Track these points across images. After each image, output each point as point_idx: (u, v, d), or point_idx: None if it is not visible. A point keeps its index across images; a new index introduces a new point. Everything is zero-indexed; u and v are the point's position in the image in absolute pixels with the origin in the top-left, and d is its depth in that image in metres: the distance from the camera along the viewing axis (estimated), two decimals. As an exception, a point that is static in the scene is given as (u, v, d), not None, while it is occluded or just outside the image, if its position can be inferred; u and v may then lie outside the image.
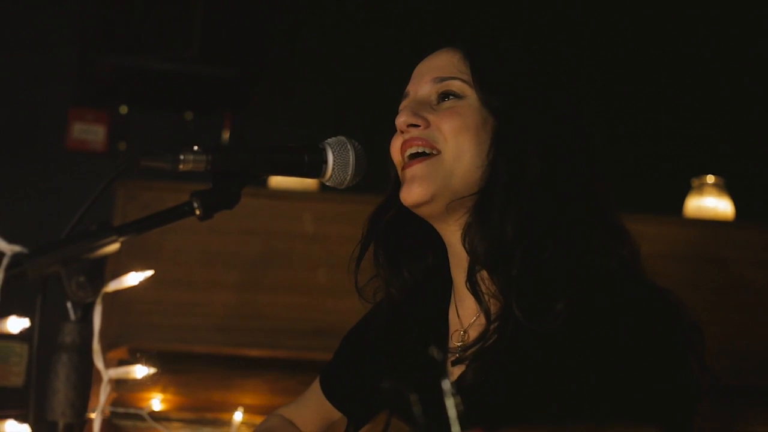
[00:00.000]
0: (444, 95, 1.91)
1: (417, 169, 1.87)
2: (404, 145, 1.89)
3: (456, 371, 1.87)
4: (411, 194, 1.87)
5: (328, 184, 1.81)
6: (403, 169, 1.90)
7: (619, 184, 4.64)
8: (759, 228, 3.79)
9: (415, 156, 1.88)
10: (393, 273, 2.00)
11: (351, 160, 1.80)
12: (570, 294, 1.73)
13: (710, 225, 3.91)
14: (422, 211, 1.91)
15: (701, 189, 4.14)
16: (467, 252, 1.86)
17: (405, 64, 2.06)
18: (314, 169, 1.77)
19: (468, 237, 1.85)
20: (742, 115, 5.06)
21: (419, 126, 1.88)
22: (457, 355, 1.87)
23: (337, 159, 1.78)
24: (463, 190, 1.86)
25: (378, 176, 2.03)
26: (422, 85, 1.93)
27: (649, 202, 4.15)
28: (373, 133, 2.03)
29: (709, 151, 4.92)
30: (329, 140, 1.80)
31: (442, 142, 1.86)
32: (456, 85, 1.90)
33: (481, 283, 1.85)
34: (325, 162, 1.77)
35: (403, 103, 1.96)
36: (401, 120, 1.89)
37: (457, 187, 1.86)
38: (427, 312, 1.99)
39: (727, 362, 3.45)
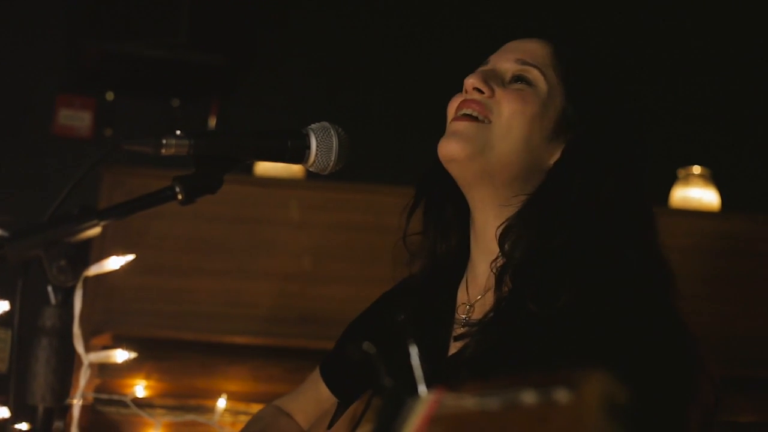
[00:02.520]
0: (518, 77, 1.92)
1: (462, 126, 1.88)
2: (462, 104, 1.90)
3: (458, 346, 1.89)
4: (447, 147, 1.88)
5: (311, 169, 1.81)
6: (452, 120, 1.91)
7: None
8: (744, 219, 3.80)
9: (466, 116, 1.90)
10: (444, 236, 2.01)
11: (334, 145, 1.79)
12: (579, 286, 1.73)
13: (696, 215, 3.92)
14: (453, 169, 1.91)
15: (687, 179, 4.15)
16: (502, 252, 1.86)
17: (394, 51, 2.06)
18: (297, 154, 1.76)
19: (509, 238, 1.85)
20: (728, 106, 5.07)
21: (483, 93, 1.89)
22: (462, 329, 1.88)
23: (321, 145, 1.77)
24: (500, 167, 1.86)
25: (364, 163, 2.03)
26: (504, 60, 1.95)
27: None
28: (361, 120, 2.03)
29: (695, 142, 4.93)
30: (312, 126, 1.80)
31: (497, 115, 1.87)
32: (533, 73, 1.91)
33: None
34: (308, 147, 1.77)
35: (481, 68, 1.97)
36: (470, 81, 1.91)
37: (494, 160, 1.86)
38: (441, 287, 2.00)
39: (713, 352, 3.46)
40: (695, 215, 3.92)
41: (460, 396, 0.92)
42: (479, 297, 1.92)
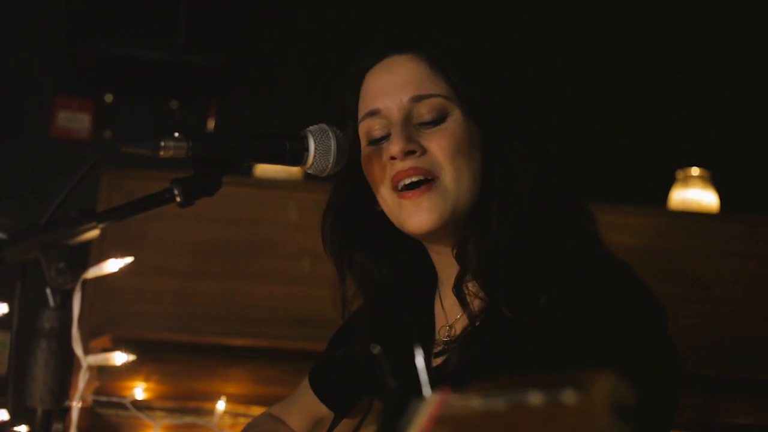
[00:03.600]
0: (430, 122, 1.86)
1: (423, 200, 1.83)
2: (399, 174, 1.84)
3: (438, 361, 1.88)
4: (421, 223, 1.84)
5: (309, 171, 1.81)
6: (404, 197, 1.86)
7: (605, 176, 4.68)
8: (743, 220, 3.80)
9: (411, 186, 1.85)
10: (376, 269, 1.99)
11: (332, 147, 1.79)
12: (553, 287, 1.73)
13: (695, 217, 3.92)
14: (426, 237, 1.91)
15: (686, 181, 4.15)
16: (459, 264, 1.87)
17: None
18: (296, 156, 1.76)
19: (463, 250, 1.86)
20: (727, 108, 5.07)
21: (415, 153, 1.84)
22: (442, 347, 1.88)
23: (319, 147, 1.78)
24: (463, 207, 1.86)
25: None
26: (396, 102, 1.87)
27: (634, 193, 4.16)
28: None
29: (694, 143, 4.93)
30: (311, 128, 1.80)
31: (439, 168, 1.83)
32: (439, 104, 1.86)
33: (465, 287, 1.86)
34: (307, 150, 1.77)
35: (375, 123, 1.90)
36: (397, 148, 1.83)
37: (459, 207, 1.85)
38: (413, 306, 1.99)
39: (711, 354, 3.46)
40: (694, 217, 3.92)
41: (466, 396, 0.92)
42: (458, 316, 1.91)
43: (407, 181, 1.84)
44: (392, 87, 1.89)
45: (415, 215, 1.85)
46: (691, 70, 5.11)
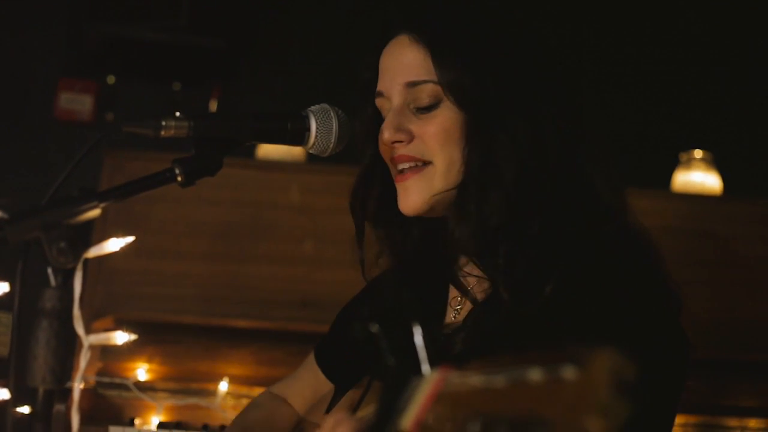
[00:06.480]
0: (420, 100, 1.86)
1: (411, 182, 1.86)
2: (396, 160, 1.87)
3: (445, 344, 1.88)
4: (408, 205, 1.87)
5: (311, 151, 1.81)
6: (396, 180, 1.88)
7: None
8: (746, 202, 3.80)
9: (403, 171, 1.87)
10: (402, 231, 1.99)
11: (334, 127, 1.79)
12: (559, 275, 1.73)
13: (698, 199, 3.92)
14: (420, 216, 1.91)
15: (689, 163, 4.15)
16: (451, 243, 1.86)
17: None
18: (297, 136, 1.76)
19: (451, 233, 1.85)
20: (729, 90, 5.06)
21: (403, 141, 1.85)
22: (448, 330, 1.88)
23: (320, 126, 1.78)
24: (452, 188, 1.86)
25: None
26: (395, 87, 1.88)
27: (637, 176, 4.15)
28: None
29: (697, 126, 4.92)
30: (312, 108, 1.80)
31: (430, 153, 1.84)
32: (432, 90, 1.84)
33: (468, 269, 1.87)
34: (308, 129, 1.77)
35: (383, 103, 1.91)
36: (385, 137, 1.85)
37: (448, 190, 1.85)
38: (427, 285, 1.99)
39: (715, 336, 3.46)
40: (697, 199, 3.92)
41: (466, 374, 0.92)
42: (471, 287, 1.90)
43: (400, 166, 1.87)
44: (393, 70, 1.90)
45: (402, 199, 1.88)
46: (693, 51, 5.09)
